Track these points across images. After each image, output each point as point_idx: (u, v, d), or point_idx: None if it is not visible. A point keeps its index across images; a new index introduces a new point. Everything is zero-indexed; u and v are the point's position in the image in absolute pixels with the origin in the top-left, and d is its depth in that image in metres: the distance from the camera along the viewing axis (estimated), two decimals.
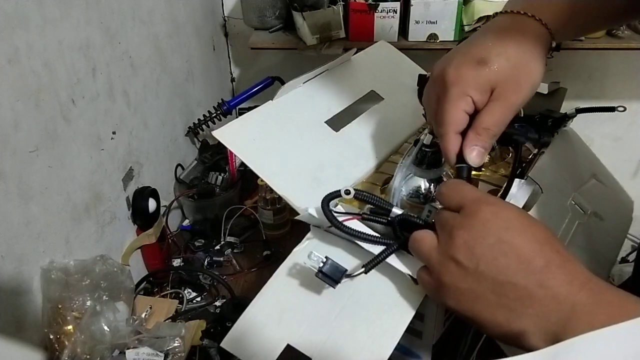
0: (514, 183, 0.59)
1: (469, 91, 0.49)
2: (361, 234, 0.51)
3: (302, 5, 1.26)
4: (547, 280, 0.37)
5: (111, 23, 0.82)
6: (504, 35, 0.51)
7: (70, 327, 0.66)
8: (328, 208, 0.51)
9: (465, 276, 0.40)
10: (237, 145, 0.63)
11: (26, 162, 0.63)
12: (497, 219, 0.41)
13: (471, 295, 0.40)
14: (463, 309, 0.41)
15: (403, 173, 0.62)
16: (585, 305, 0.36)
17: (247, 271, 0.97)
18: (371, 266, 0.49)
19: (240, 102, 1.20)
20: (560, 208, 0.63)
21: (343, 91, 0.75)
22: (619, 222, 0.68)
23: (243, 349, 0.51)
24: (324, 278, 0.48)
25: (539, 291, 0.37)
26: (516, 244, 0.39)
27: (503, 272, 0.39)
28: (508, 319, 0.38)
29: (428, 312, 0.54)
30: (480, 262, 0.40)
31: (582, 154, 0.75)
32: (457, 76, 0.50)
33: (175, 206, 1.09)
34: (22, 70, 0.62)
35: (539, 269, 0.38)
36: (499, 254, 0.39)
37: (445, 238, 0.43)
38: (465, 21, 1.30)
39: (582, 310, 0.36)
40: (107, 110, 0.82)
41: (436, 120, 0.52)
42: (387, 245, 0.50)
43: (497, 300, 0.39)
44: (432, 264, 0.44)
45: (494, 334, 0.40)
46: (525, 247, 0.39)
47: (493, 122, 0.50)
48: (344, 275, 0.48)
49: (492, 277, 0.39)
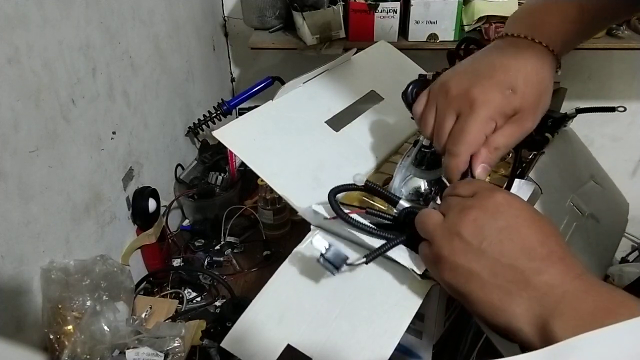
0: (514, 183, 0.59)
1: (496, 116, 0.51)
2: (365, 226, 0.51)
3: (302, 5, 1.26)
4: (545, 268, 0.39)
5: (111, 23, 0.82)
6: (525, 62, 0.52)
7: (70, 327, 0.66)
8: (334, 198, 0.51)
9: (465, 252, 0.41)
10: (237, 145, 0.63)
11: (26, 162, 0.63)
12: (510, 206, 0.42)
13: (467, 271, 0.41)
14: (457, 285, 0.42)
15: (403, 174, 0.62)
16: (575, 293, 0.37)
17: (247, 271, 0.97)
18: (373, 257, 0.49)
19: (240, 102, 1.20)
20: (559, 209, 0.63)
21: (343, 91, 0.75)
22: (614, 224, 0.69)
23: (243, 349, 0.51)
24: (326, 264, 0.48)
25: (536, 277, 0.39)
26: (523, 232, 0.41)
27: (505, 255, 0.40)
28: (501, 299, 0.39)
29: (428, 312, 0.54)
30: (485, 242, 0.41)
31: (581, 154, 0.75)
32: (486, 100, 0.51)
33: (175, 206, 1.09)
34: (22, 70, 0.62)
35: (541, 257, 0.39)
36: (505, 238, 0.41)
37: (454, 215, 0.44)
38: (465, 21, 1.30)
39: (571, 297, 0.37)
40: (107, 110, 0.82)
41: (453, 137, 0.52)
42: (390, 239, 0.50)
43: (493, 280, 0.40)
44: (435, 236, 0.44)
45: (484, 315, 0.41)
46: (531, 237, 0.40)
47: (505, 143, 0.51)
48: (345, 262, 0.48)
49: (493, 257, 0.40)
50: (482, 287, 0.40)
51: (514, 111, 0.51)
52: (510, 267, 0.39)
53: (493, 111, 0.50)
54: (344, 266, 0.48)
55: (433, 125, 0.55)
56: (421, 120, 0.56)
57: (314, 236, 0.50)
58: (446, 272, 0.43)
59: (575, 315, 0.36)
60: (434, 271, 0.45)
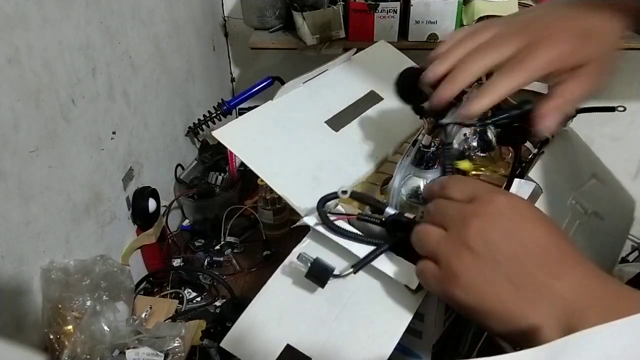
0: (514, 183, 0.59)
1: (563, 59, 0.47)
2: (351, 234, 0.52)
3: (302, 5, 1.26)
4: (564, 272, 0.37)
5: (111, 23, 0.82)
6: (598, 17, 0.49)
7: (70, 327, 0.66)
8: (322, 208, 0.52)
9: (480, 265, 0.39)
10: (237, 145, 0.63)
11: (26, 162, 0.63)
12: (514, 209, 0.40)
13: (484, 284, 0.39)
14: (471, 300, 0.39)
15: (402, 174, 0.62)
16: (599, 296, 0.36)
17: (247, 271, 0.97)
18: (360, 266, 0.49)
19: (240, 102, 1.20)
20: (560, 208, 0.63)
21: (343, 91, 0.75)
22: (620, 221, 0.69)
23: (243, 349, 0.51)
24: (312, 279, 0.48)
25: (556, 283, 0.37)
26: (534, 235, 0.39)
27: (520, 261, 0.38)
28: (522, 310, 0.37)
29: (428, 312, 0.54)
30: (496, 250, 0.39)
31: (582, 153, 0.75)
32: (560, 39, 0.47)
33: (175, 206, 1.09)
34: (22, 70, 0.61)
35: (557, 260, 0.38)
36: (516, 243, 0.39)
37: (456, 227, 0.41)
38: (465, 21, 1.30)
39: (597, 301, 0.36)
40: (107, 110, 0.82)
41: (514, 62, 0.47)
42: (377, 245, 0.50)
43: (514, 290, 0.38)
44: (440, 254, 0.41)
45: (502, 329, 0.39)
46: (542, 238, 0.39)
47: (579, 94, 0.48)
48: (332, 275, 0.48)
49: (508, 265, 0.38)
50: (500, 299, 0.38)
51: (581, 62, 0.48)
52: (527, 274, 0.38)
53: (561, 53, 0.47)
54: (331, 278, 0.48)
55: (453, 64, 0.50)
56: (446, 52, 0.51)
57: (296, 255, 0.51)
58: (458, 290, 0.40)
59: (604, 318, 0.35)
60: (441, 289, 0.42)
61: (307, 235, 0.57)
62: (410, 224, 0.49)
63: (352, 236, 0.52)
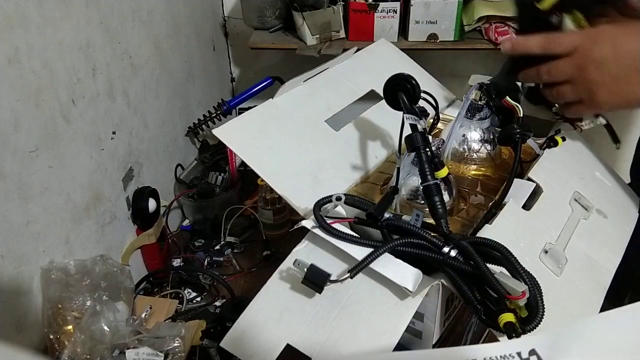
0: (514, 182, 0.59)
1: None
2: (345, 236, 0.52)
3: (302, 5, 1.26)
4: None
5: (111, 23, 0.82)
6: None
7: (70, 327, 0.66)
8: (319, 212, 0.53)
9: (604, 70, 0.57)
10: (237, 143, 0.63)
11: (26, 162, 0.63)
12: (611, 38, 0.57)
13: (610, 79, 0.57)
14: (595, 75, 0.58)
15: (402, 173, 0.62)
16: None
17: (247, 271, 0.97)
18: (356, 271, 0.49)
19: (240, 102, 1.20)
20: (561, 206, 0.63)
21: (343, 90, 0.75)
22: (624, 219, 0.69)
23: (243, 348, 0.51)
24: (309, 284, 0.48)
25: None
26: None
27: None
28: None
29: (428, 312, 0.54)
30: (611, 60, 0.56)
31: (583, 152, 0.75)
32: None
33: (175, 206, 1.09)
34: (22, 70, 0.62)
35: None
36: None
37: (579, 52, 0.57)
38: (465, 21, 1.30)
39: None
40: (107, 110, 0.82)
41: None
42: (375, 247, 0.51)
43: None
44: (575, 53, 0.58)
45: (610, 95, 0.59)
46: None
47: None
48: (328, 280, 0.49)
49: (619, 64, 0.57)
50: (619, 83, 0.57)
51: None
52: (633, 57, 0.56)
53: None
54: (328, 283, 0.49)
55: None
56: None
57: (293, 260, 0.51)
58: (592, 69, 0.57)
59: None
60: (578, 79, 0.59)
61: (305, 237, 0.57)
62: (404, 227, 0.50)
63: (348, 239, 0.52)
